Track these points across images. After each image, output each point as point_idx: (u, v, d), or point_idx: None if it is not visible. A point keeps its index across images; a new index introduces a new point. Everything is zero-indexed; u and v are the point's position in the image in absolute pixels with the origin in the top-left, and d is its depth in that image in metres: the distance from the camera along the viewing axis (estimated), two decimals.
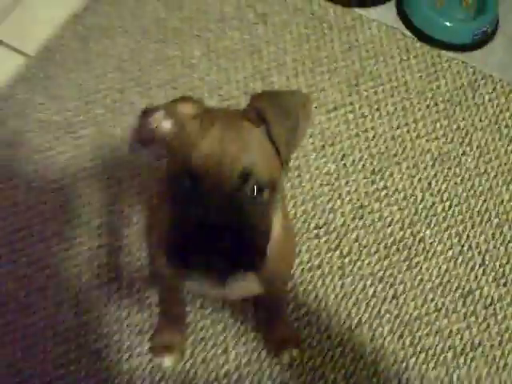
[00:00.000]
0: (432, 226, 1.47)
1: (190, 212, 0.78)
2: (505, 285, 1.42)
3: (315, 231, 1.44)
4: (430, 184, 1.53)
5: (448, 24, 1.76)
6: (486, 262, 1.44)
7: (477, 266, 1.43)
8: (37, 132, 1.52)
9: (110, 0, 1.74)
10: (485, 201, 1.52)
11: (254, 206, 0.79)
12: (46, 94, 1.58)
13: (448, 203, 1.51)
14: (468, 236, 1.47)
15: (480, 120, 1.64)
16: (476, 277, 1.42)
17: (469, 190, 1.53)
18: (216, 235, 0.76)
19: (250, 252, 0.79)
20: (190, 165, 0.78)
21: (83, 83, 1.60)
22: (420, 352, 1.33)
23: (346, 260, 1.41)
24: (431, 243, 1.45)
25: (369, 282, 1.39)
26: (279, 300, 1.28)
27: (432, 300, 1.39)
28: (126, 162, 1.48)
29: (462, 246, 1.45)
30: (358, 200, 1.49)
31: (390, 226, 1.46)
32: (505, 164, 1.58)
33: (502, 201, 1.52)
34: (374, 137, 1.58)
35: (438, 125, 1.62)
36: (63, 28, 1.67)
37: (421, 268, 1.42)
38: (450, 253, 1.44)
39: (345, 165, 1.53)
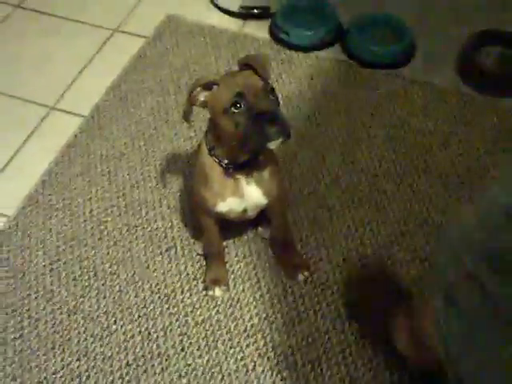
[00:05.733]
0: None
1: (250, 114, 1.42)
2: None
3: None
4: None
5: (377, 49, 2.44)
6: None
7: None
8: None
9: (135, 71, 2.44)
10: None
11: (274, 100, 1.46)
12: (101, 136, 2.23)
13: None
14: None
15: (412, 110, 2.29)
16: None
17: None
18: (270, 115, 1.42)
19: (285, 121, 1.44)
20: (239, 91, 1.42)
21: (127, 127, 2.24)
22: None
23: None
24: None
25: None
26: (285, 228, 1.84)
27: None
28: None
29: None
30: None
31: None
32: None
33: None
34: None
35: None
36: (107, 93, 2.36)
37: None
38: None
39: None
